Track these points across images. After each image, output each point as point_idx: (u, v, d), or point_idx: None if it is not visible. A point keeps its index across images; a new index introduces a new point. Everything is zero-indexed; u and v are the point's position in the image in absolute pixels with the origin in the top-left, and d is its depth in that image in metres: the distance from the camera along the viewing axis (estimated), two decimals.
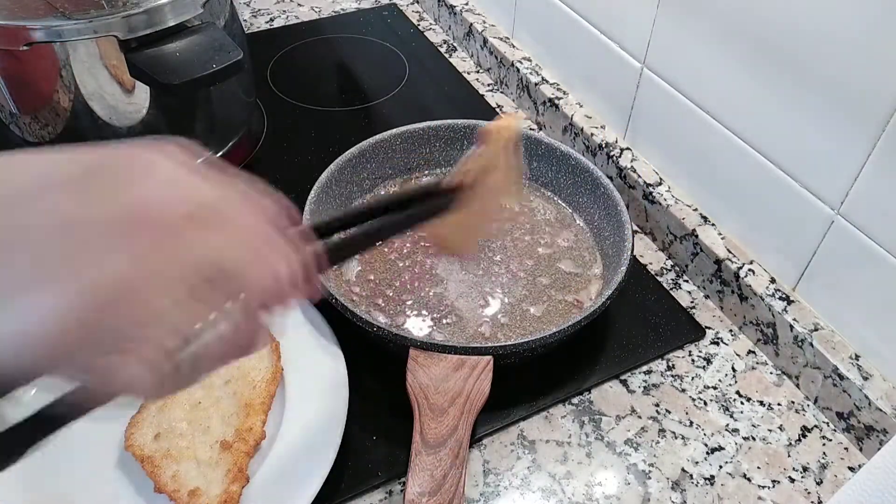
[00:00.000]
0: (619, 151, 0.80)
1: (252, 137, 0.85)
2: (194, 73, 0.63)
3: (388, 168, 0.77)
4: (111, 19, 0.62)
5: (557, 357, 0.65)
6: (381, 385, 0.61)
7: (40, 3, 0.63)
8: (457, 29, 1.05)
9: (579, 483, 0.58)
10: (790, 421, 0.63)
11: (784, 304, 0.65)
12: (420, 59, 1.03)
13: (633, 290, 0.72)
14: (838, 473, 0.60)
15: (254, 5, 1.12)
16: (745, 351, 0.68)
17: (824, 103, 0.57)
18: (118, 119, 0.70)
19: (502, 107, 0.96)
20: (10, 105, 0.69)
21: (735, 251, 0.69)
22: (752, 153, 0.65)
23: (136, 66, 0.64)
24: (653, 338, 0.68)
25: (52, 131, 0.71)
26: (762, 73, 0.61)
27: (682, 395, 0.64)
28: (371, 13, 1.11)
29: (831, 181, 0.59)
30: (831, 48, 0.55)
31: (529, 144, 0.77)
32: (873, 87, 0.53)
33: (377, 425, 0.60)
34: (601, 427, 0.62)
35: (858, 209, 0.58)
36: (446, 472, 0.51)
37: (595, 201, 0.73)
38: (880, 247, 0.57)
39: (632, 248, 0.65)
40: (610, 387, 0.65)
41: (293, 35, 1.05)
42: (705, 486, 0.58)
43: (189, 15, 0.66)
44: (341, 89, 0.98)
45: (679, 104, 0.71)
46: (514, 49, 0.95)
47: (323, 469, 0.53)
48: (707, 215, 0.73)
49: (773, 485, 0.58)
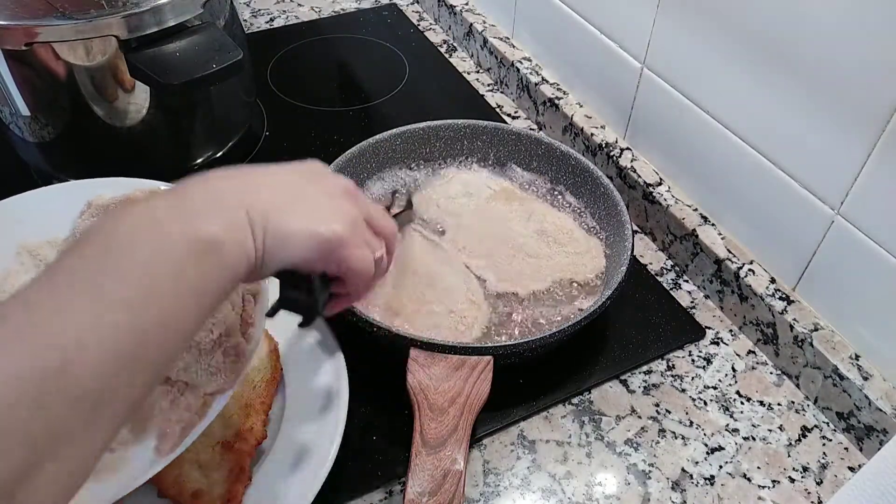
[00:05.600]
0: (619, 151, 0.80)
1: (252, 137, 0.85)
2: (194, 73, 0.63)
3: (388, 168, 0.77)
4: (111, 19, 0.62)
5: (557, 357, 0.65)
6: (381, 385, 0.61)
7: (40, 3, 0.63)
8: (457, 29, 1.05)
9: (579, 483, 0.58)
10: (790, 421, 0.63)
11: (784, 304, 0.65)
12: (420, 59, 1.03)
13: (633, 290, 0.72)
14: (838, 473, 0.60)
15: (254, 5, 1.12)
16: (745, 351, 0.68)
17: (824, 103, 0.57)
18: (118, 119, 0.70)
19: (502, 107, 0.96)
20: (11, 105, 0.69)
21: (735, 251, 0.69)
22: (752, 153, 0.65)
23: (136, 66, 0.64)
24: (653, 338, 0.68)
25: (52, 131, 0.71)
26: (762, 73, 0.61)
27: (682, 395, 0.64)
28: (371, 13, 1.11)
29: (831, 181, 0.59)
30: (831, 48, 0.55)
31: (529, 144, 0.77)
32: (873, 88, 0.53)
33: (377, 425, 0.60)
34: (601, 427, 0.62)
35: (858, 209, 0.58)
36: (446, 472, 0.51)
37: (595, 201, 0.73)
38: (880, 247, 0.57)
39: (632, 248, 0.65)
40: (610, 387, 0.65)
41: (293, 35, 1.05)
42: (705, 486, 0.58)
43: (189, 15, 0.66)
44: (341, 89, 0.98)
45: (679, 104, 0.71)
46: (514, 49, 0.95)
47: (323, 469, 0.53)
48: (707, 215, 0.73)
49: (773, 485, 0.59)
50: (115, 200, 0.65)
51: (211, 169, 0.42)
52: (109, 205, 0.65)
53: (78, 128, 0.71)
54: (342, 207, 0.45)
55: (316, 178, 0.46)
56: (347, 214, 0.45)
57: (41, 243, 0.65)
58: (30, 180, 0.68)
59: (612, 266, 0.68)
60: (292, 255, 0.42)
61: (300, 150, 0.86)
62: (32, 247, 0.65)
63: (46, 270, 0.34)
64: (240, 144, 0.82)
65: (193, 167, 0.77)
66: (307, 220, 0.42)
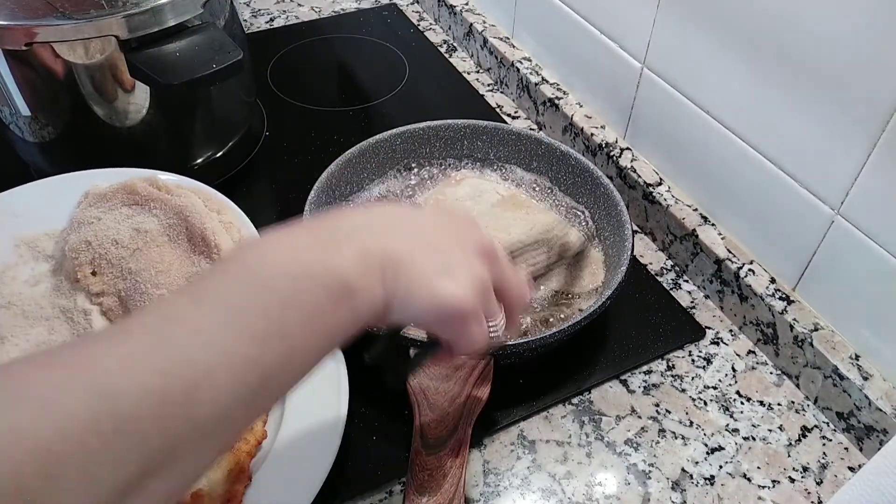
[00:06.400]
0: (619, 151, 0.80)
1: (252, 137, 0.85)
2: (194, 73, 0.63)
3: (388, 168, 0.77)
4: (111, 19, 0.62)
5: (557, 357, 0.65)
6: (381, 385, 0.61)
7: (40, 3, 0.63)
8: (457, 29, 1.05)
9: (579, 483, 0.58)
10: (790, 421, 0.63)
11: (784, 304, 0.65)
12: (420, 59, 1.03)
13: (633, 290, 0.72)
14: (838, 473, 0.60)
15: (254, 5, 1.12)
16: (745, 351, 0.68)
17: (824, 103, 0.57)
18: (118, 119, 0.70)
19: (502, 107, 0.96)
20: (11, 105, 0.69)
21: (735, 251, 0.69)
22: (751, 153, 0.65)
23: (136, 66, 0.64)
24: (653, 338, 0.68)
25: (52, 131, 0.71)
26: (762, 73, 0.61)
27: (682, 395, 0.64)
28: (371, 13, 1.11)
29: (831, 181, 0.59)
30: (831, 48, 0.55)
31: (530, 144, 0.77)
32: (873, 88, 0.53)
33: (377, 425, 0.60)
34: (601, 427, 0.62)
35: (858, 209, 0.58)
36: (446, 472, 0.52)
37: (595, 201, 0.73)
38: (880, 247, 0.57)
39: (632, 248, 0.65)
40: (610, 387, 0.65)
41: (293, 35, 1.05)
42: (705, 486, 0.58)
43: (189, 15, 0.66)
44: (341, 89, 0.98)
45: (679, 104, 0.71)
46: (514, 49, 0.95)
47: (323, 469, 0.53)
48: (707, 215, 0.73)
49: (773, 485, 0.59)
50: (111, 189, 0.65)
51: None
52: (107, 193, 0.65)
53: (78, 128, 0.71)
54: (474, 269, 0.41)
55: (456, 227, 0.43)
56: (478, 279, 0.41)
57: (39, 235, 0.65)
58: (29, 180, 0.68)
59: (612, 266, 0.68)
60: (411, 315, 0.40)
61: (300, 150, 0.86)
62: (31, 239, 0.65)
63: (188, 289, 0.35)
64: (240, 144, 0.82)
65: (193, 167, 0.77)
66: (435, 280, 0.39)
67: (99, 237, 0.61)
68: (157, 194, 0.65)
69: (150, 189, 0.65)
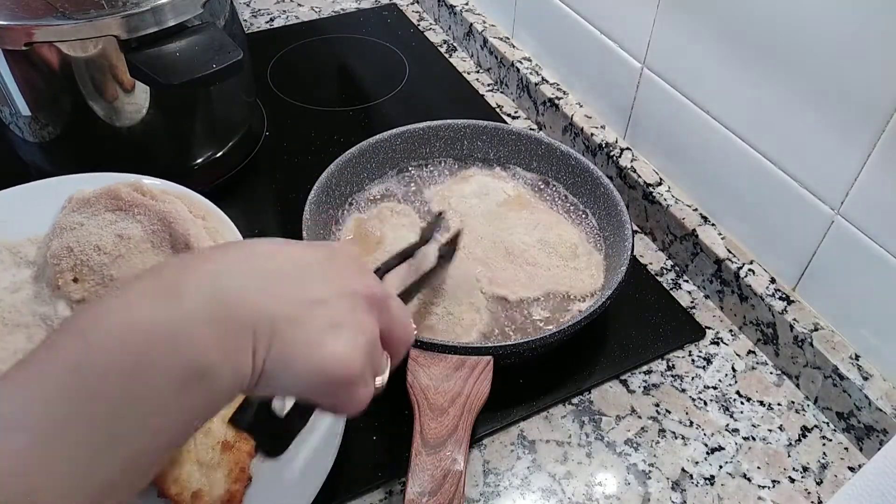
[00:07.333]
0: (619, 151, 0.80)
1: (252, 137, 0.85)
2: (194, 73, 0.63)
3: (388, 168, 0.77)
4: (111, 19, 0.62)
5: (557, 357, 0.65)
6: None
7: (40, 3, 0.63)
8: (457, 29, 1.05)
9: (579, 483, 0.58)
10: (790, 421, 0.63)
11: (784, 304, 0.65)
12: (420, 59, 1.03)
13: (633, 290, 0.72)
14: (838, 473, 0.60)
15: (254, 5, 1.12)
16: (745, 351, 0.68)
17: (824, 103, 0.57)
18: (118, 119, 0.70)
19: (502, 107, 0.96)
20: (11, 105, 0.69)
21: (735, 251, 0.69)
22: (751, 153, 0.65)
23: (136, 66, 0.64)
24: (653, 338, 0.68)
25: (52, 131, 0.71)
26: (762, 73, 0.61)
27: (682, 395, 0.64)
28: (371, 13, 1.11)
29: (831, 181, 0.59)
30: (831, 48, 0.55)
31: (530, 144, 0.77)
32: (873, 88, 0.53)
33: (377, 425, 0.60)
34: (601, 427, 0.62)
35: (858, 209, 0.58)
36: (446, 472, 0.51)
37: (595, 201, 0.73)
38: (880, 247, 0.57)
39: (632, 248, 0.65)
40: (610, 387, 0.65)
41: (293, 35, 1.05)
42: (705, 486, 0.58)
43: (189, 15, 0.66)
44: (341, 89, 0.98)
45: (679, 104, 0.71)
46: (514, 49, 0.95)
47: (323, 469, 0.53)
48: (707, 215, 0.73)
49: (773, 485, 0.59)
50: (95, 195, 0.64)
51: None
52: (90, 199, 0.64)
53: (78, 128, 0.71)
54: (363, 324, 0.36)
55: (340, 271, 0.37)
56: (365, 337, 0.36)
57: (22, 241, 0.64)
58: (29, 180, 0.68)
59: (612, 266, 0.68)
60: (289, 386, 0.35)
61: (300, 150, 0.86)
62: (13, 244, 0.64)
63: (18, 367, 0.29)
64: (240, 144, 0.82)
65: (193, 167, 0.77)
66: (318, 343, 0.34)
67: (81, 243, 0.60)
68: (142, 200, 0.63)
69: (133, 195, 0.63)
